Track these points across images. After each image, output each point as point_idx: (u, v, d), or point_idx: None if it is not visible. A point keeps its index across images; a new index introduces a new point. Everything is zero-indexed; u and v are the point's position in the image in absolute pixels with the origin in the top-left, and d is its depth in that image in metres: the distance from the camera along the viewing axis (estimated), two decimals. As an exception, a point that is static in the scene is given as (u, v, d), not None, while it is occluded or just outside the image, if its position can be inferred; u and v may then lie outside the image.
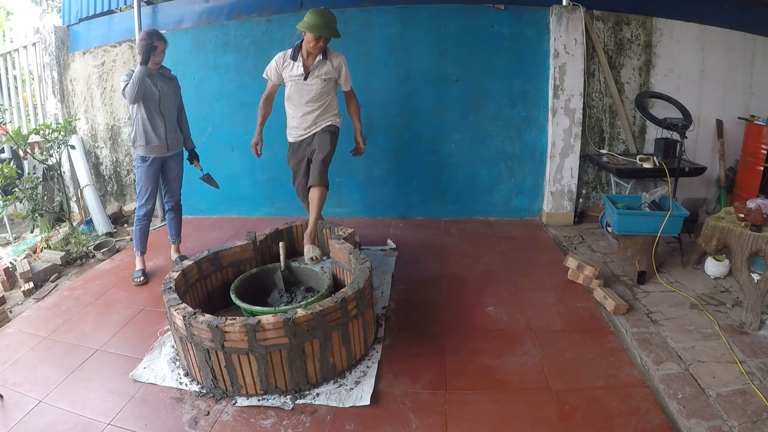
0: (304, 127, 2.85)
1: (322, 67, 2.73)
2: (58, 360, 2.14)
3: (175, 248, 3.24)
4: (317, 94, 2.77)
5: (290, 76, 2.75)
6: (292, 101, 2.82)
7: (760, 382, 1.80)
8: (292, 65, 2.74)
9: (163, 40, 2.74)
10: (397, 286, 2.74)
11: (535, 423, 1.67)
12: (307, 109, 2.80)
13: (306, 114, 2.82)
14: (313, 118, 2.83)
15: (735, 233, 2.36)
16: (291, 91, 2.80)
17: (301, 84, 2.74)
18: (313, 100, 2.77)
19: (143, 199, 2.94)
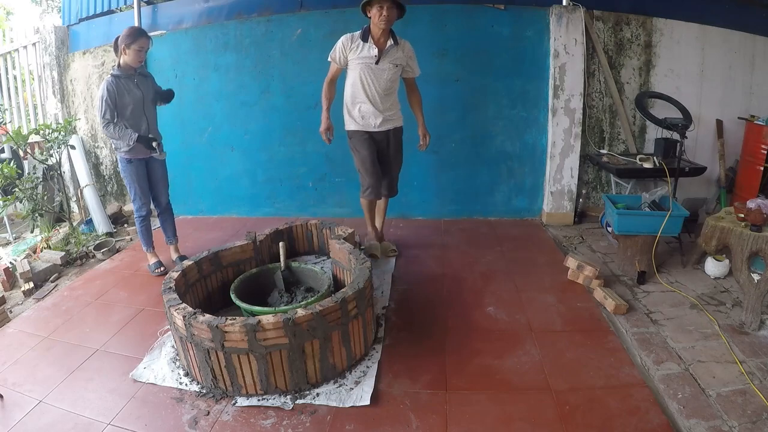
0: (383, 116, 2.80)
1: (395, 53, 2.69)
2: (58, 360, 2.14)
3: (174, 248, 3.23)
4: (387, 80, 2.71)
5: (360, 58, 2.67)
6: (363, 87, 2.72)
7: (760, 382, 1.80)
8: (362, 47, 2.66)
9: (149, 39, 2.71)
10: (397, 286, 2.74)
11: (535, 423, 1.67)
12: (384, 95, 2.75)
13: (382, 101, 2.77)
14: (388, 107, 2.80)
15: (735, 233, 2.36)
16: (360, 75, 2.70)
17: (373, 68, 2.66)
18: (384, 87, 2.72)
19: (139, 201, 2.95)
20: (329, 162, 4.01)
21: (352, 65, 2.71)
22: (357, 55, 2.66)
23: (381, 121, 2.80)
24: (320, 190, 4.11)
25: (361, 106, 2.77)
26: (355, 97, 2.77)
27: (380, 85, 2.71)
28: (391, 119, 2.85)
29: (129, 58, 2.67)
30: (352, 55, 2.68)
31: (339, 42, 2.72)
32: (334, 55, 2.74)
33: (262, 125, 4.02)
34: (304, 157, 4.03)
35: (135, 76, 2.76)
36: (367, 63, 2.66)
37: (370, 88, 2.72)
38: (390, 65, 2.68)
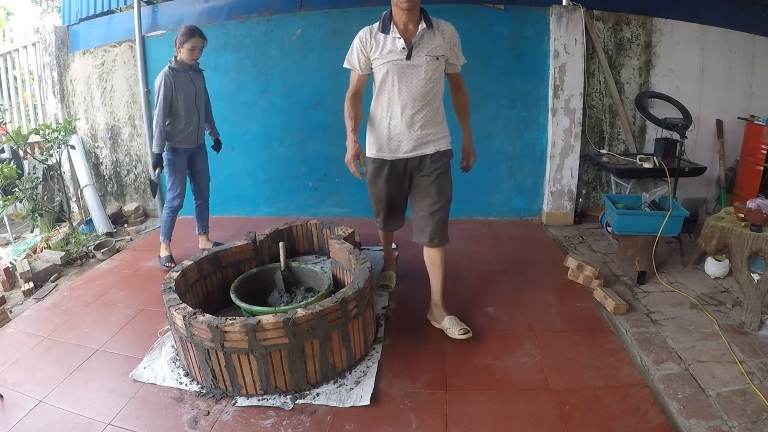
0: (411, 138, 2.06)
1: (431, 40, 1.97)
2: (58, 360, 2.14)
3: (205, 238, 3.36)
4: (427, 80, 1.98)
5: (384, 56, 1.98)
6: (393, 95, 2.02)
7: (760, 382, 1.80)
8: (385, 41, 1.97)
9: (203, 39, 2.88)
10: (397, 286, 2.74)
11: (535, 423, 1.66)
12: (415, 106, 2.01)
13: (412, 115, 2.02)
14: (422, 124, 2.04)
15: (735, 233, 2.36)
16: (386, 80, 2.01)
17: (403, 66, 1.96)
18: (422, 92, 1.99)
19: (175, 191, 3.05)
20: (329, 162, 4.01)
21: (378, 68, 2.02)
22: (379, 53, 1.99)
23: (415, 145, 2.07)
24: (320, 190, 4.11)
25: (390, 122, 2.06)
26: (381, 110, 2.08)
27: (416, 89, 1.98)
28: (430, 140, 2.09)
29: (183, 55, 2.86)
30: (375, 54, 2.00)
31: (355, 40, 2.05)
32: (351, 59, 2.08)
33: (262, 125, 4.02)
34: (304, 157, 4.03)
35: (189, 71, 2.95)
36: (395, 61, 1.96)
37: (403, 96, 1.99)
38: (427, 58, 1.96)
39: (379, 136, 2.12)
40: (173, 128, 2.91)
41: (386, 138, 2.10)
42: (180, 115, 2.91)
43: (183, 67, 2.91)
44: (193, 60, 2.91)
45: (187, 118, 2.94)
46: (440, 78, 2.05)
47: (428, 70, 1.97)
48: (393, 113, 2.05)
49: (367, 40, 2.01)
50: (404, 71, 1.97)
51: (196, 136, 3.04)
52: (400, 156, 2.11)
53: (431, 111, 2.06)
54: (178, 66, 2.89)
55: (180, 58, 2.89)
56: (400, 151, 2.10)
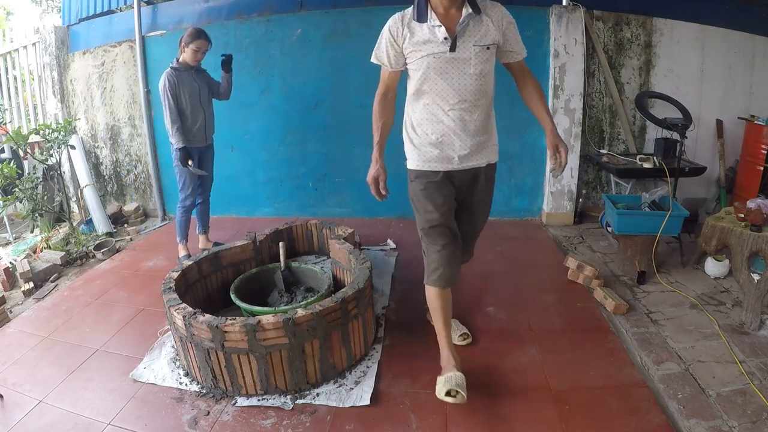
0: (463, 146, 1.72)
1: (478, 26, 1.62)
2: (58, 360, 2.14)
3: (205, 238, 3.36)
4: (477, 75, 1.64)
5: (422, 49, 1.63)
6: (436, 95, 1.67)
7: (760, 382, 1.80)
8: (421, 30, 1.63)
9: (208, 41, 2.92)
10: (397, 286, 2.74)
11: (535, 423, 1.66)
12: (465, 108, 1.67)
13: (462, 119, 1.69)
14: (475, 129, 1.71)
15: (735, 233, 2.36)
16: (427, 77, 1.66)
17: (447, 60, 1.61)
18: (472, 90, 1.65)
19: (187, 191, 3.07)
20: (329, 162, 4.02)
21: (414, 63, 1.67)
22: (416, 44, 1.64)
23: (469, 152, 1.73)
24: (320, 190, 4.11)
25: (437, 127, 1.71)
26: (423, 114, 1.72)
27: (465, 87, 1.65)
28: (483, 148, 1.77)
29: (187, 56, 2.88)
30: (409, 47, 1.66)
31: (384, 31, 1.71)
32: (379, 53, 1.74)
33: (262, 125, 4.02)
34: (304, 157, 4.03)
35: (192, 71, 2.97)
36: (436, 55, 1.61)
37: (449, 97, 1.66)
38: (476, 49, 1.61)
39: (423, 146, 1.74)
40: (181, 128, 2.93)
41: (434, 147, 1.72)
42: (186, 114, 2.93)
43: (185, 67, 2.92)
44: (196, 62, 2.93)
45: (192, 117, 2.96)
46: (491, 72, 1.70)
47: (478, 63, 1.62)
48: (438, 116, 1.69)
49: (399, 31, 1.65)
50: (449, 66, 1.61)
51: (204, 134, 3.06)
52: (453, 167, 1.75)
53: (483, 113, 1.71)
54: (180, 66, 2.91)
55: (183, 59, 2.91)
56: (453, 162, 1.74)
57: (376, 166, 1.78)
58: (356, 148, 3.92)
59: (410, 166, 1.82)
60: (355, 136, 3.89)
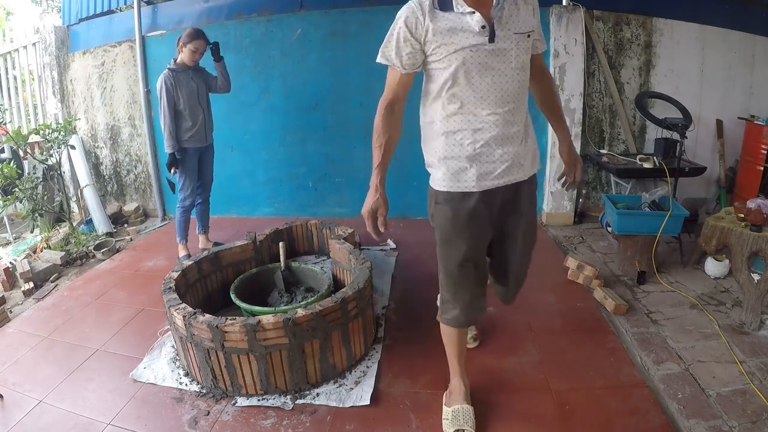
0: (504, 157, 1.40)
1: (514, 10, 1.33)
2: (58, 360, 2.14)
3: (204, 238, 3.36)
4: (519, 69, 1.36)
5: (453, 41, 1.30)
6: (463, 100, 1.36)
7: (760, 382, 1.80)
8: (447, 20, 1.30)
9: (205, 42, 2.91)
10: (397, 286, 2.74)
11: (535, 423, 1.67)
12: (506, 109, 1.37)
13: (504, 123, 1.38)
14: (516, 134, 1.41)
15: (735, 233, 2.36)
16: (458, 77, 1.33)
17: (486, 53, 1.31)
18: (514, 88, 1.37)
19: (186, 191, 3.07)
20: (329, 162, 4.02)
21: (443, 60, 1.33)
22: (444, 37, 1.30)
23: (511, 163, 1.41)
24: (320, 190, 4.11)
25: (475, 137, 1.38)
26: (455, 122, 1.39)
27: (507, 85, 1.35)
28: (527, 157, 1.46)
29: (185, 56, 2.89)
30: (435, 41, 1.31)
31: (398, 23, 1.34)
32: (387, 51, 1.38)
33: (262, 125, 4.02)
34: (304, 157, 4.03)
35: (190, 70, 2.97)
36: (474, 47, 1.29)
37: (489, 97, 1.35)
38: (517, 37, 1.33)
39: (455, 157, 1.41)
40: (180, 128, 2.94)
41: (470, 159, 1.39)
42: (184, 114, 2.93)
43: (182, 67, 2.92)
44: (194, 62, 2.93)
45: (191, 117, 2.96)
46: (528, 65, 1.41)
47: (519, 54, 1.34)
48: (474, 123, 1.37)
49: (418, 21, 1.30)
50: (489, 61, 1.31)
51: (203, 134, 3.06)
52: (494, 184, 1.42)
53: (522, 115, 1.42)
54: (177, 67, 2.91)
55: (180, 60, 2.91)
56: (493, 178, 1.41)
57: (376, 195, 1.41)
58: (356, 148, 3.92)
59: (437, 186, 1.47)
60: (355, 136, 3.89)
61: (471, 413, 1.63)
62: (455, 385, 1.71)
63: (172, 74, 2.88)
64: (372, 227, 1.45)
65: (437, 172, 1.47)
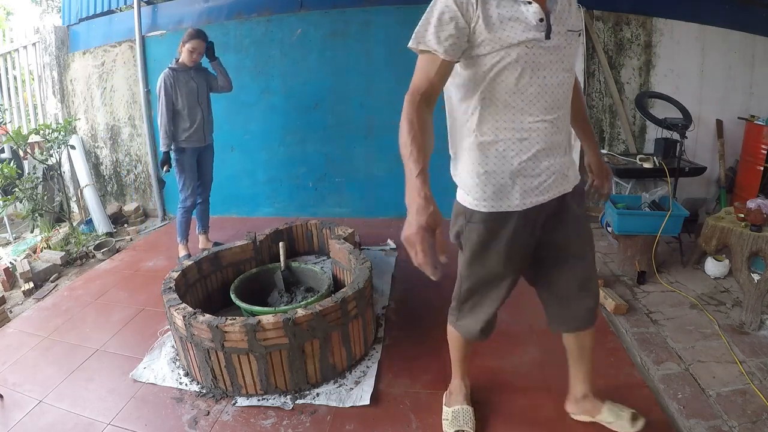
0: (550, 169, 1.24)
1: (567, 6, 1.19)
2: (58, 360, 2.14)
3: (205, 238, 3.36)
4: (570, 72, 1.22)
5: (507, 35, 1.11)
6: (513, 102, 1.17)
7: (760, 382, 1.80)
8: (502, 7, 1.11)
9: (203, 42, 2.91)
10: (397, 286, 2.74)
11: (535, 423, 1.67)
12: (554, 116, 1.21)
13: (552, 131, 1.22)
14: (564, 144, 1.27)
15: (735, 233, 2.36)
16: (504, 76, 1.15)
17: (542, 52, 1.14)
18: (563, 93, 1.21)
19: (187, 191, 3.07)
20: (329, 162, 4.02)
21: (492, 55, 1.13)
22: (496, 27, 1.11)
23: (556, 177, 1.26)
24: (320, 190, 4.11)
25: (520, 147, 1.21)
26: (497, 130, 1.20)
27: (557, 88, 1.19)
28: (570, 167, 1.32)
29: (183, 56, 2.91)
30: (486, 30, 1.11)
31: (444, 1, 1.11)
32: (427, 35, 1.13)
33: (262, 125, 4.02)
34: (304, 157, 4.03)
35: (191, 70, 2.97)
36: (530, 43, 1.12)
37: (539, 101, 1.18)
38: (570, 36, 1.18)
39: (496, 173, 1.23)
40: (178, 128, 2.94)
41: (514, 175, 1.22)
42: (183, 114, 2.93)
43: (182, 67, 2.93)
44: (192, 62, 2.93)
45: (190, 117, 2.96)
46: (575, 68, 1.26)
47: (570, 54, 1.20)
48: (520, 132, 1.19)
49: (470, 3, 1.09)
50: (541, 59, 1.14)
51: (202, 135, 3.06)
52: (536, 201, 1.25)
53: (567, 122, 1.27)
54: (177, 67, 2.92)
55: (181, 60, 2.92)
56: (536, 194, 1.24)
57: (429, 207, 1.02)
58: (356, 148, 3.93)
59: (468, 204, 1.29)
60: (355, 136, 3.90)
61: (471, 414, 1.64)
62: (456, 385, 1.71)
63: (172, 73, 2.88)
64: (424, 253, 1.02)
65: (471, 189, 1.27)
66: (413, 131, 1.09)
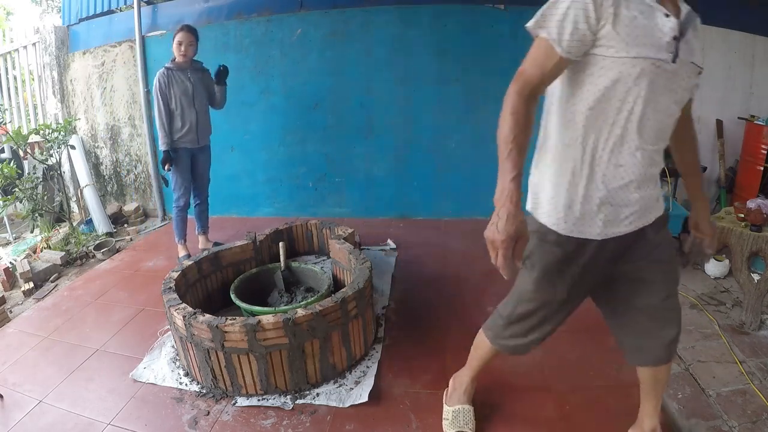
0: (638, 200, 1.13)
1: (693, 35, 1.07)
2: (58, 360, 2.14)
3: (204, 238, 3.35)
4: (679, 105, 1.10)
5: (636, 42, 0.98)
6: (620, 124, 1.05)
7: (760, 382, 1.80)
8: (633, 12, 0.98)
9: (189, 34, 2.87)
10: (397, 286, 2.74)
11: (535, 423, 1.67)
12: (656, 147, 1.11)
13: (649, 162, 1.11)
14: (653, 175, 1.15)
15: (735, 233, 2.35)
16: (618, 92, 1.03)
17: (666, 75, 1.02)
18: (669, 125, 1.12)
19: (179, 191, 3.06)
20: (329, 162, 4.02)
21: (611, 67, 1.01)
22: (626, 34, 0.98)
23: (639, 208, 1.14)
24: (320, 190, 4.11)
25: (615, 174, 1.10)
26: (599, 150, 1.09)
27: (666, 119, 1.10)
28: (657, 200, 1.21)
29: (174, 51, 2.87)
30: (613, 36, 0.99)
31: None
32: (551, 23, 1.05)
33: (262, 125, 4.02)
34: (304, 157, 4.03)
35: (188, 70, 2.94)
36: (657, 61, 1.00)
37: (646, 129, 1.06)
38: (691, 67, 1.08)
39: (584, 197, 1.12)
40: (171, 127, 2.92)
41: (600, 201, 1.11)
42: (175, 114, 2.91)
43: (179, 66, 2.91)
44: (183, 56, 2.88)
45: (182, 117, 2.93)
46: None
47: (686, 87, 1.09)
48: (618, 158, 1.08)
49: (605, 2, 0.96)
50: (662, 83, 1.02)
51: (195, 136, 3.02)
52: (615, 232, 1.15)
53: (662, 156, 1.16)
54: (173, 65, 2.90)
55: (176, 59, 2.90)
56: (617, 225, 1.14)
57: (518, 216, 1.01)
58: (356, 148, 3.93)
59: (544, 220, 1.19)
60: (355, 136, 3.90)
61: (471, 414, 1.64)
62: (465, 383, 1.66)
63: (167, 72, 2.87)
64: (504, 256, 1.05)
65: (551, 205, 1.17)
66: (518, 129, 1.04)
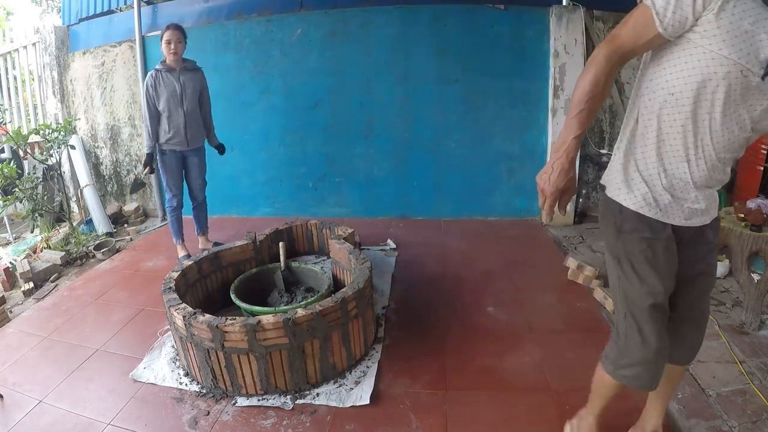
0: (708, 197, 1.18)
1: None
2: (58, 360, 2.14)
3: (204, 239, 3.33)
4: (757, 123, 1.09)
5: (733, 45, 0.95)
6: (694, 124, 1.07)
7: (760, 382, 1.80)
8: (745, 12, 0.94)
9: (176, 32, 2.82)
10: (397, 286, 2.74)
11: (535, 423, 1.66)
12: (724, 160, 1.13)
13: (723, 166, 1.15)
14: (716, 182, 1.17)
15: (735, 233, 2.35)
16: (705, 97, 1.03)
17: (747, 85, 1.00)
18: (744, 141, 1.12)
19: (170, 193, 3.05)
20: (329, 162, 4.02)
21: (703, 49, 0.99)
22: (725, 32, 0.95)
23: (699, 206, 1.17)
24: (320, 190, 4.11)
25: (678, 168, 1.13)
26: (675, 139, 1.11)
27: (741, 134, 1.09)
28: (715, 201, 1.23)
29: (163, 51, 2.84)
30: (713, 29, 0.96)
31: None
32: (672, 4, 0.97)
33: (262, 125, 4.02)
34: (304, 157, 4.03)
35: (179, 70, 2.88)
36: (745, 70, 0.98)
37: (716, 138, 1.08)
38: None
39: (656, 178, 1.15)
40: (158, 130, 2.89)
41: (665, 189, 1.15)
42: (163, 116, 2.86)
43: (168, 67, 2.86)
44: (173, 54, 2.82)
45: (169, 120, 2.87)
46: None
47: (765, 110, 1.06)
48: (684, 154, 1.11)
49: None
50: (746, 94, 1.02)
51: (184, 138, 2.94)
52: (680, 223, 1.18)
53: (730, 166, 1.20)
54: (162, 67, 2.86)
55: (167, 61, 2.86)
56: (680, 215, 1.18)
57: (570, 172, 1.11)
58: (356, 148, 3.93)
59: (626, 203, 1.19)
60: (355, 136, 3.90)
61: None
62: (589, 425, 1.50)
63: (155, 74, 2.83)
64: (550, 207, 1.15)
65: (632, 187, 1.18)
66: (596, 91, 1.06)
